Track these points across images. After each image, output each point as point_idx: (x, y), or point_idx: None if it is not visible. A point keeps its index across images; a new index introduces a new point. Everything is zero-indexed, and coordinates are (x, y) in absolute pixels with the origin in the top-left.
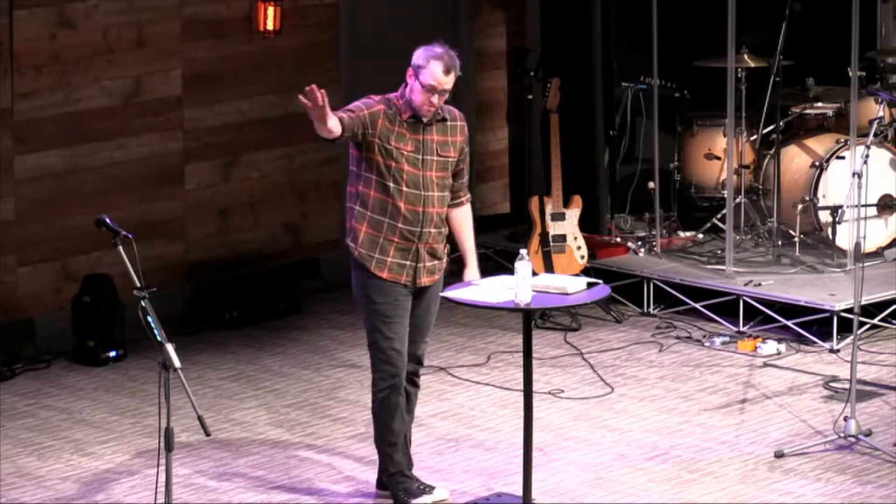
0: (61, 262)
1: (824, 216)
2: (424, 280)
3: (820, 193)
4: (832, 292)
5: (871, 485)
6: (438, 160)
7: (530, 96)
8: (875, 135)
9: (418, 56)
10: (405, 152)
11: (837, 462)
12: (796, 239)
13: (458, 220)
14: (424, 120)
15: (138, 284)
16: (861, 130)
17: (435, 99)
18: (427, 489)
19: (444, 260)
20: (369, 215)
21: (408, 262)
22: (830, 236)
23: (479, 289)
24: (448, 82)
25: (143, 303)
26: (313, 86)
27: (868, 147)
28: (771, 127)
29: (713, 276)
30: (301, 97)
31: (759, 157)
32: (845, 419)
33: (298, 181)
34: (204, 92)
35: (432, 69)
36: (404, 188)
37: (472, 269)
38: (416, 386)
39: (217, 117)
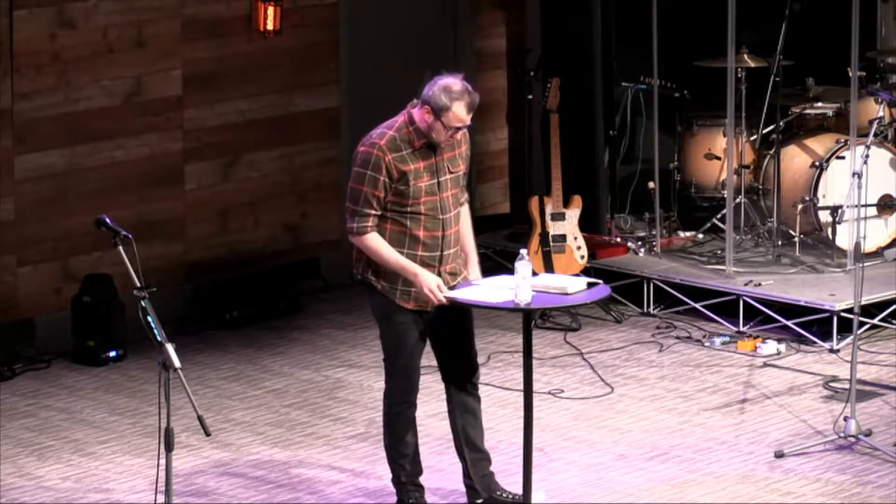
0: (61, 262)
1: (824, 216)
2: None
3: (820, 193)
4: (832, 292)
5: (871, 485)
6: (451, 178)
7: (530, 96)
8: (875, 135)
9: (437, 96)
10: (422, 185)
11: (837, 462)
12: (796, 239)
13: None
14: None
15: (138, 284)
16: (861, 130)
17: (458, 135)
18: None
19: (464, 274)
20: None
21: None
22: (830, 236)
23: (479, 289)
24: (470, 117)
25: (143, 303)
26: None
27: (868, 147)
28: (771, 127)
29: (713, 276)
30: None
31: (759, 157)
32: (845, 419)
33: (298, 181)
34: (204, 92)
35: (456, 112)
36: (422, 217)
37: (473, 268)
38: (475, 396)
39: (217, 117)
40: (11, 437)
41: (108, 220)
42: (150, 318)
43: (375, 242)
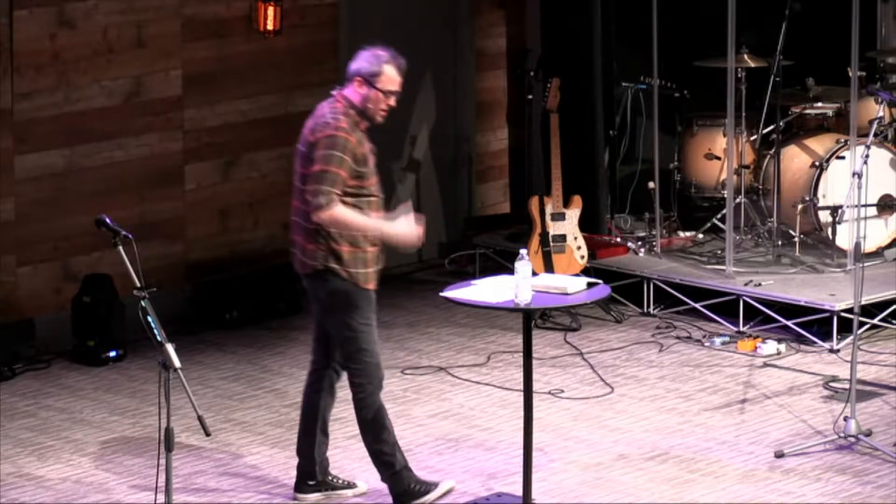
0: (61, 262)
1: (824, 216)
2: None
3: (820, 193)
4: (832, 292)
5: (871, 485)
6: (375, 157)
7: (530, 96)
8: (875, 135)
9: (367, 63)
10: (371, 166)
11: (837, 462)
12: (796, 239)
13: None
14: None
15: (138, 284)
16: (861, 130)
17: (392, 101)
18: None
19: None
20: (348, 234)
21: (377, 267)
22: (830, 236)
23: (479, 289)
24: (400, 83)
25: (143, 303)
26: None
27: (868, 147)
28: (771, 127)
29: (713, 276)
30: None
31: (759, 157)
32: (845, 419)
33: None
34: (204, 92)
35: (388, 73)
36: (374, 199)
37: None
38: (339, 380)
39: (217, 117)
40: (11, 437)
41: (108, 220)
42: (150, 318)
43: (346, 211)
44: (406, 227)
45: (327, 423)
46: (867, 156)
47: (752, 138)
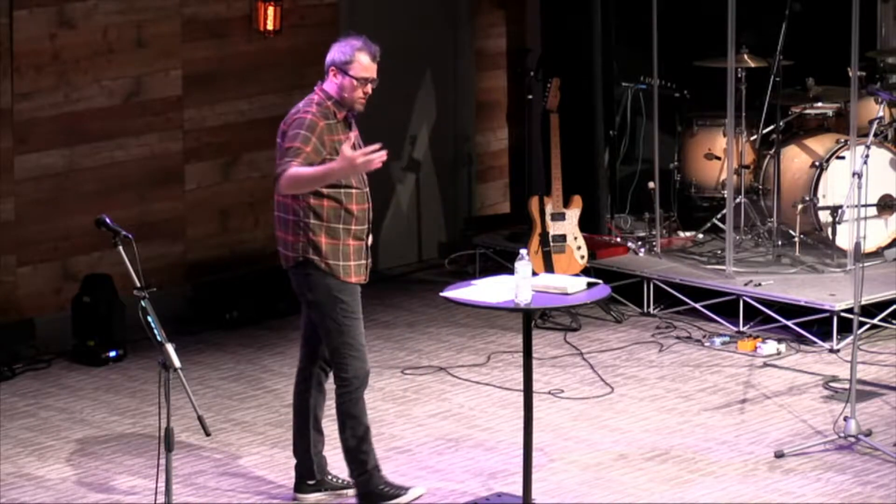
0: (61, 262)
1: (824, 216)
2: (368, 274)
3: (820, 193)
4: (832, 292)
5: (871, 485)
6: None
7: (530, 96)
8: (875, 135)
9: (340, 52)
10: None
11: (837, 462)
12: (796, 239)
13: None
14: (352, 116)
15: (138, 284)
16: (861, 130)
17: (368, 89)
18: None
19: None
20: (325, 225)
21: (363, 261)
22: (830, 236)
23: (479, 289)
24: (375, 70)
25: (143, 303)
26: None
27: (868, 147)
28: (771, 127)
29: (713, 276)
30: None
31: (759, 157)
32: (845, 419)
33: None
34: (204, 92)
35: (361, 61)
36: (354, 192)
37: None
38: (327, 376)
39: (217, 117)
40: (11, 437)
41: (108, 221)
42: (150, 318)
43: (298, 168)
44: (348, 154)
45: (320, 420)
46: (867, 156)
47: (752, 138)
